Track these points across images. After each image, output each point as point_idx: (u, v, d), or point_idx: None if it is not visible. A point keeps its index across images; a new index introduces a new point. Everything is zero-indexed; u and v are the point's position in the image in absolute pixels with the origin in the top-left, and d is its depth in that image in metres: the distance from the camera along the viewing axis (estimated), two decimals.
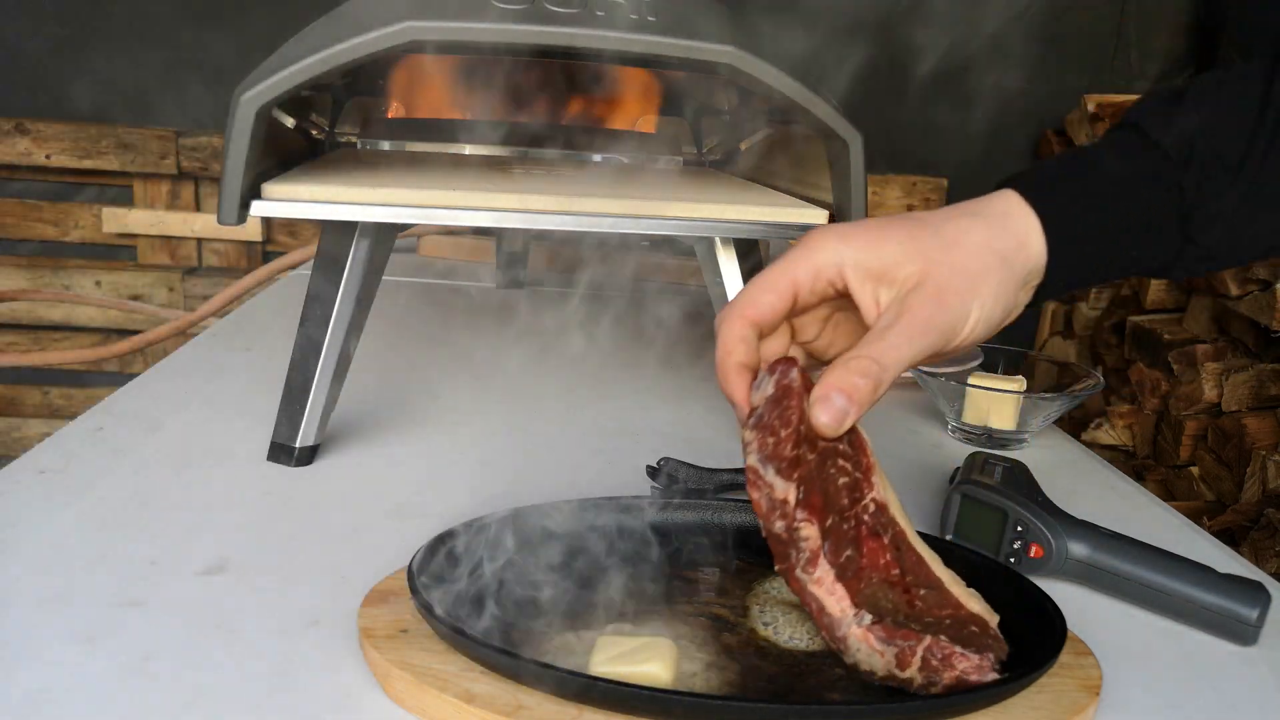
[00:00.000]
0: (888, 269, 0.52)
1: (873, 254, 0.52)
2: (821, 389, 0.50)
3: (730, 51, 0.66)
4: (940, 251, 0.52)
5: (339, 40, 0.62)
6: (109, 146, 2.21)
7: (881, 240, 0.52)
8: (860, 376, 0.50)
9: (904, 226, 0.53)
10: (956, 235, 0.52)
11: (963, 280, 0.51)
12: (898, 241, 0.52)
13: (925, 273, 0.51)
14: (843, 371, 0.50)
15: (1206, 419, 1.79)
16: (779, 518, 0.51)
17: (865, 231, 0.53)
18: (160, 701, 0.46)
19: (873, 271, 0.52)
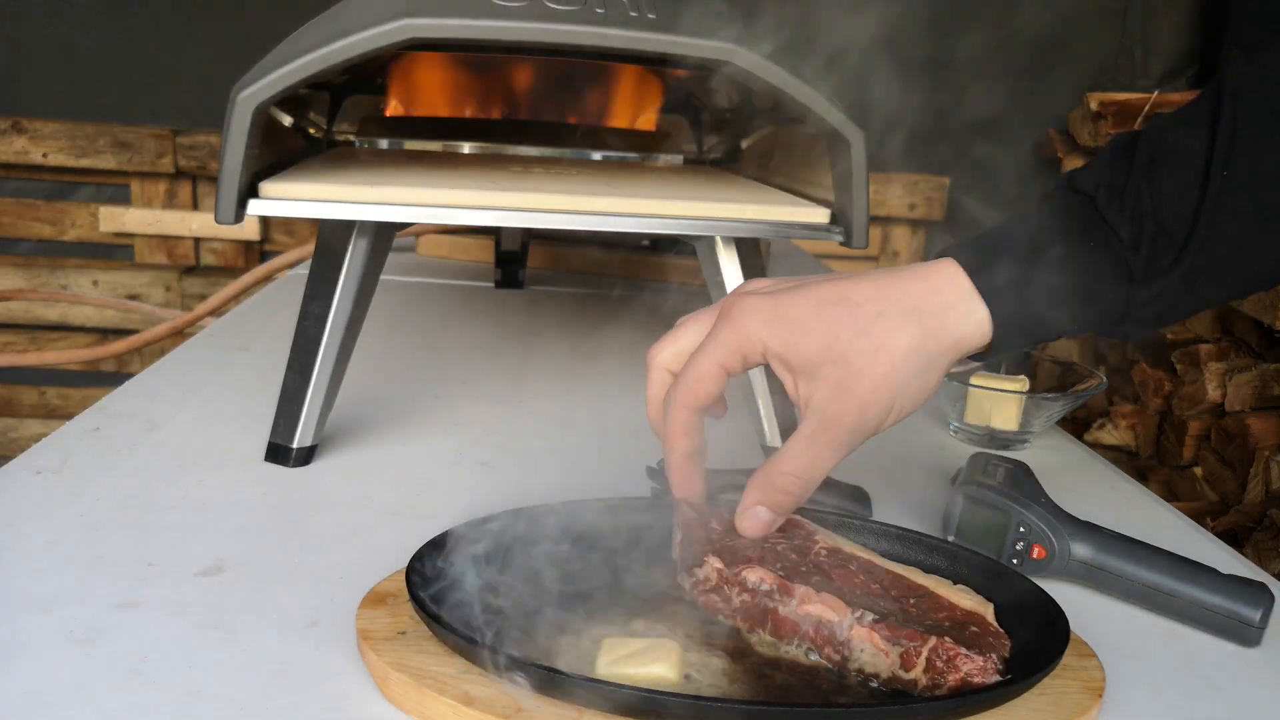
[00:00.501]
0: (808, 366, 0.52)
1: (793, 349, 0.52)
2: (746, 503, 0.53)
3: (731, 49, 0.65)
4: (864, 358, 0.51)
5: (337, 38, 0.62)
6: (106, 145, 2.21)
7: (804, 334, 0.52)
8: (784, 494, 0.52)
9: (829, 317, 0.52)
10: (885, 337, 0.52)
11: (885, 390, 0.51)
12: (820, 337, 0.52)
13: (845, 381, 0.51)
14: (769, 490, 0.53)
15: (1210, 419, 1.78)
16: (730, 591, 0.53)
17: (788, 321, 0.52)
18: (158, 703, 0.45)
19: (793, 366, 0.52)
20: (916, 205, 2.45)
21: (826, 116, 0.68)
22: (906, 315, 0.52)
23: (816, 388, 0.52)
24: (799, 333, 0.52)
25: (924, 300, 0.53)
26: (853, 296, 0.52)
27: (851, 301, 0.52)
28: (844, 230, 0.71)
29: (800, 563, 0.53)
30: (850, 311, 0.52)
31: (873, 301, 0.52)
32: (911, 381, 0.52)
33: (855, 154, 0.70)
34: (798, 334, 0.52)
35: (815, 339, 0.51)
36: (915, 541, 0.60)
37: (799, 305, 0.52)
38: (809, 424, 0.52)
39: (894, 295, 0.53)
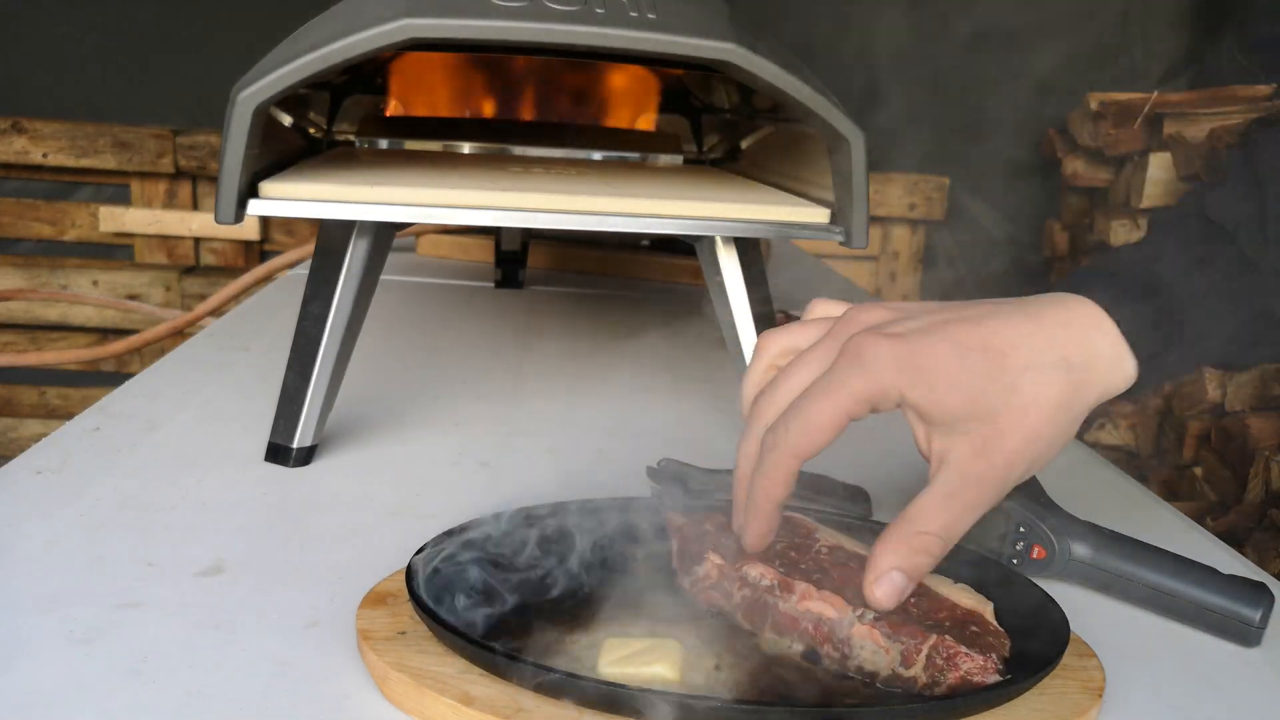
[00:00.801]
0: (948, 419, 0.48)
1: (937, 404, 0.47)
2: (880, 567, 0.47)
3: (731, 49, 0.65)
4: (1014, 415, 0.48)
5: (337, 38, 0.62)
6: (106, 145, 2.21)
7: (947, 387, 0.47)
8: (924, 554, 0.48)
9: (973, 368, 0.47)
10: (1034, 394, 0.48)
11: (1032, 449, 0.49)
12: (965, 391, 0.47)
13: (991, 440, 0.48)
14: (906, 553, 0.47)
15: (1210, 419, 1.78)
16: (730, 587, 0.53)
17: (930, 370, 0.47)
18: (157, 703, 0.45)
19: (933, 419, 0.48)
20: (916, 205, 2.45)
21: (826, 116, 0.68)
22: (1055, 369, 0.49)
23: (956, 443, 0.48)
24: (941, 385, 0.47)
25: (1071, 350, 0.50)
26: (996, 344, 0.49)
27: (996, 350, 0.48)
28: (844, 230, 0.71)
29: (801, 560, 0.54)
30: (996, 363, 0.48)
31: (1018, 351, 0.49)
32: (1058, 437, 0.50)
33: (855, 154, 0.70)
34: (940, 387, 0.47)
35: (960, 393, 0.47)
36: None
37: (937, 351, 0.48)
38: (949, 481, 0.48)
39: (1040, 344, 0.49)
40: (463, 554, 0.54)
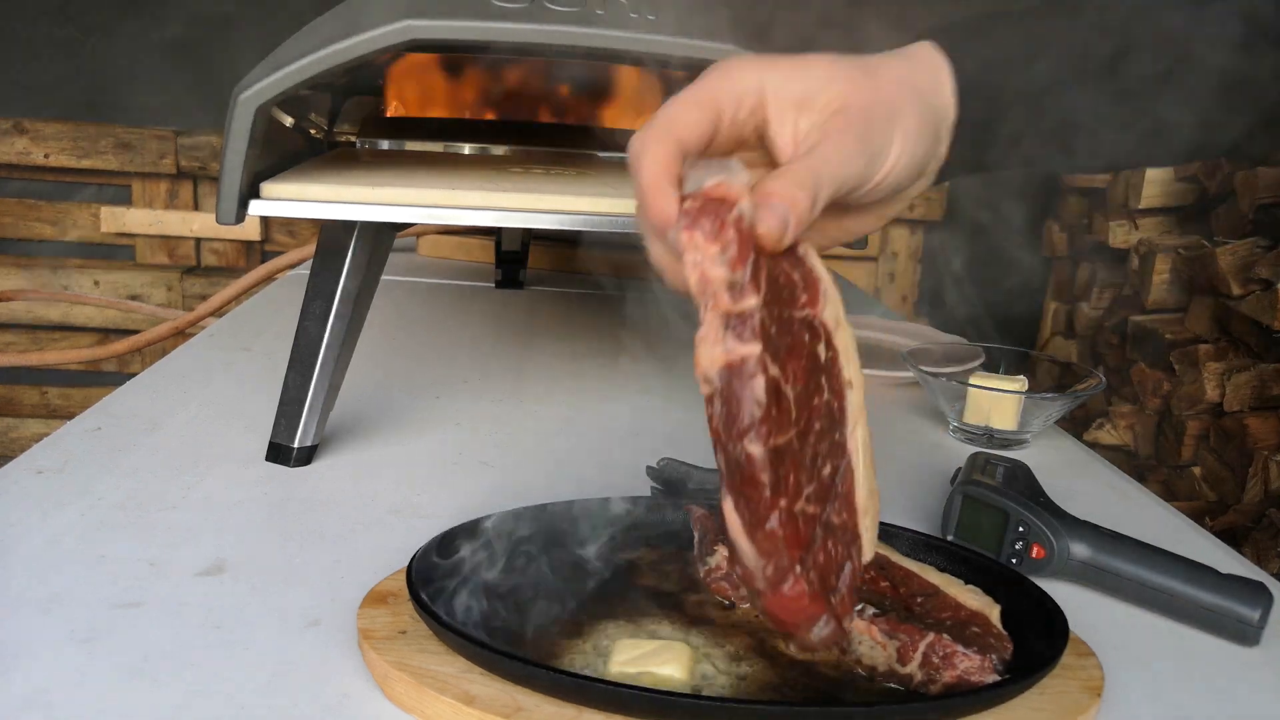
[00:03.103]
0: (810, 95, 0.49)
1: (796, 79, 0.49)
2: (760, 195, 0.45)
3: (731, 50, 0.66)
4: (864, 77, 0.50)
5: (338, 39, 0.62)
6: (107, 146, 2.21)
7: (804, 66, 0.50)
8: (798, 188, 0.46)
9: (824, 56, 0.51)
10: (877, 66, 0.51)
11: (885, 109, 0.50)
12: (820, 68, 0.50)
13: (848, 97, 0.49)
14: (780, 181, 0.46)
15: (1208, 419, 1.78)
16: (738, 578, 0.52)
17: (786, 59, 0.50)
18: (159, 702, 0.46)
19: (795, 98, 0.49)
20: (916, 205, 2.45)
21: None
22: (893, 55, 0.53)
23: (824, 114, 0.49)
24: (800, 65, 0.50)
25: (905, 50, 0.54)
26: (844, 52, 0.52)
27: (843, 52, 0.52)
28: None
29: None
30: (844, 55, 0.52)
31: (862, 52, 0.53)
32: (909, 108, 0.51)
33: None
34: (799, 66, 0.50)
35: (817, 70, 0.50)
36: (915, 541, 0.61)
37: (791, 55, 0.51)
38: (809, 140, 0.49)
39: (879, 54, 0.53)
40: (463, 553, 0.54)
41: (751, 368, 0.40)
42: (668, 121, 0.47)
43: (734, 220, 0.41)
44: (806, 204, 0.46)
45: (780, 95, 0.49)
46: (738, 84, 0.49)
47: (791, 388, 0.42)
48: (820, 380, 0.44)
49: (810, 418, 0.43)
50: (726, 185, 0.42)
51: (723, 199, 0.42)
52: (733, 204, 0.42)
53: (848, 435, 0.45)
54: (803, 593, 0.40)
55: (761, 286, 0.42)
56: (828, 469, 0.43)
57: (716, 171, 0.44)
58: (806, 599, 0.40)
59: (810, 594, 0.40)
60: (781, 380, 0.41)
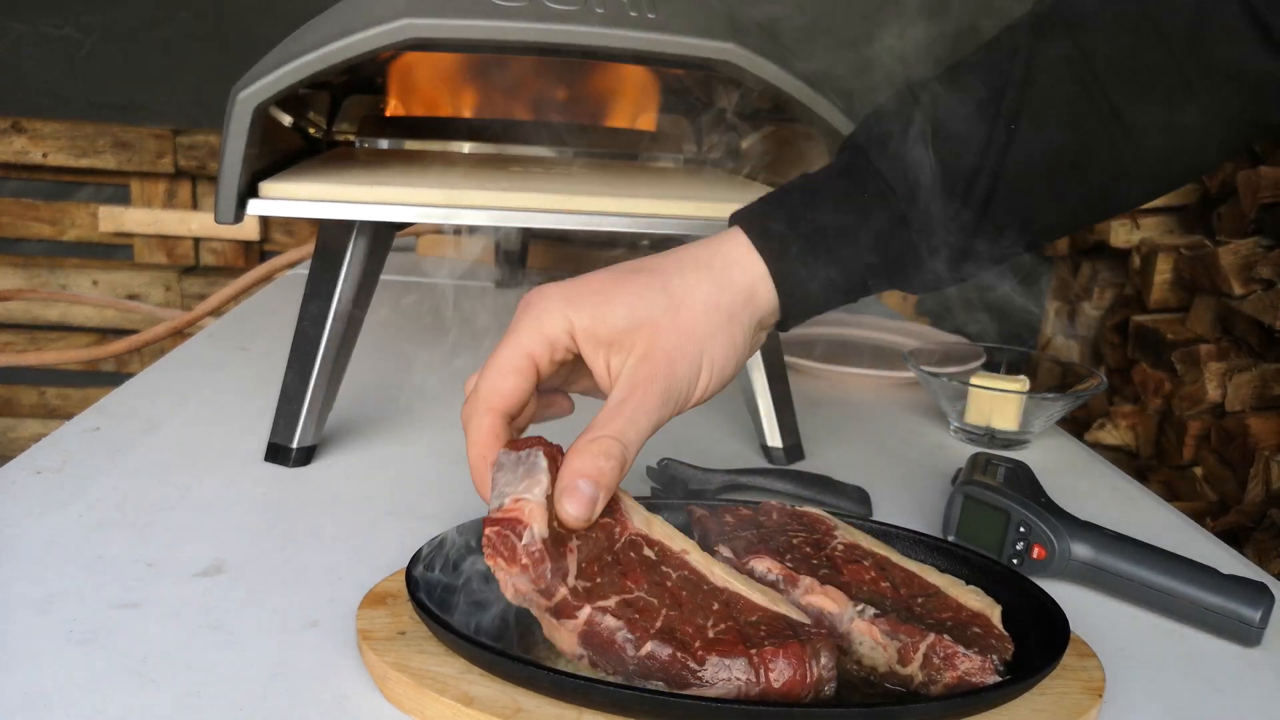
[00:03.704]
0: (616, 336, 0.51)
1: (600, 321, 0.51)
2: (566, 478, 0.48)
3: (731, 49, 0.65)
4: (667, 315, 0.51)
5: (337, 38, 0.62)
6: (106, 145, 2.21)
7: (608, 304, 0.51)
8: (604, 459, 0.49)
9: (631, 285, 0.52)
10: (684, 293, 0.52)
11: (691, 344, 0.51)
12: (624, 305, 0.51)
13: (653, 340, 0.51)
14: (587, 456, 0.49)
15: (1210, 419, 1.78)
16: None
17: (592, 295, 0.52)
18: (157, 703, 0.45)
19: (601, 339, 0.51)
20: None
21: (826, 116, 0.68)
22: (700, 270, 0.53)
23: (625, 356, 0.51)
24: (603, 303, 0.51)
25: (713, 258, 0.54)
26: (649, 265, 0.53)
27: (648, 269, 0.53)
28: None
29: (814, 556, 0.54)
30: (649, 275, 0.52)
31: (668, 265, 0.53)
32: (717, 336, 0.52)
33: None
34: (602, 304, 0.51)
35: (620, 307, 0.51)
36: (915, 541, 0.60)
37: (597, 279, 0.52)
38: (620, 388, 0.51)
39: (686, 257, 0.54)
40: (462, 554, 0.54)
41: (598, 623, 0.46)
42: (487, 394, 0.52)
43: (527, 544, 0.47)
44: (615, 473, 0.49)
45: (587, 336, 0.51)
46: (547, 331, 0.51)
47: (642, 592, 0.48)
48: (661, 570, 0.50)
49: (672, 595, 0.48)
50: (520, 506, 0.47)
51: (516, 520, 0.47)
52: (526, 525, 0.47)
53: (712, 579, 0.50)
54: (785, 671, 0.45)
55: (569, 567, 0.48)
56: (716, 605, 0.48)
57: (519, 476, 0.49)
58: (792, 671, 0.45)
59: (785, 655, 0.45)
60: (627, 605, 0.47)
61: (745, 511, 0.59)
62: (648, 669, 0.45)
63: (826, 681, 0.45)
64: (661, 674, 0.45)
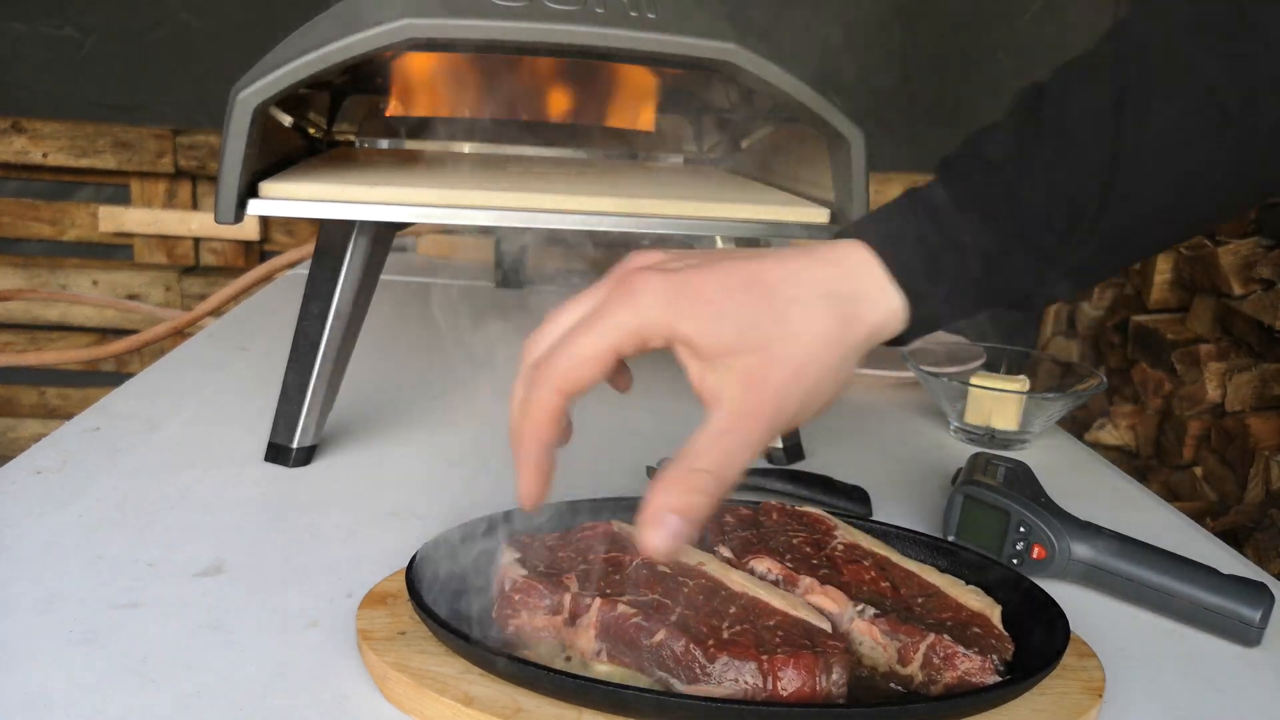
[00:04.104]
0: (720, 353, 0.46)
1: (705, 335, 0.46)
2: (654, 508, 0.45)
3: (731, 49, 0.65)
4: (782, 345, 0.47)
5: (337, 38, 0.62)
6: (106, 145, 2.21)
7: (717, 318, 0.46)
8: (699, 494, 0.45)
9: (745, 300, 0.47)
10: (803, 324, 0.47)
11: (804, 380, 0.47)
12: (735, 323, 0.46)
13: (764, 371, 0.46)
14: (680, 490, 0.45)
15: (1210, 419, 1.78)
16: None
17: (700, 302, 0.46)
18: (157, 703, 0.45)
19: (704, 352, 0.46)
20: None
21: (826, 116, 0.68)
22: (824, 300, 0.48)
23: (727, 378, 0.47)
24: (711, 316, 0.46)
25: (839, 286, 0.49)
26: (766, 279, 0.48)
27: (765, 284, 0.48)
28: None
29: (814, 556, 0.54)
30: (765, 296, 0.47)
31: (788, 285, 0.48)
32: (829, 371, 0.48)
33: (855, 154, 0.70)
34: (709, 317, 0.46)
35: (728, 324, 0.46)
36: (915, 541, 0.60)
37: (709, 285, 0.47)
38: (721, 417, 0.46)
39: (809, 279, 0.49)
40: (462, 554, 0.54)
41: (611, 612, 0.48)
42: (562, 375, 0.47)
43: (512, 587, 0.50)
44: (707, 510, 0.46)
45: (689, 347, 0.47)
46: (642, 329, 0.46)
47: (657, 595, 0.49)
48: (678, 579, 0.50)
49: (687, 599, 0.49)
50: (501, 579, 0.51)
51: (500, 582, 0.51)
52: (502, 578, 0.51)
53: (730, 585, 0.51)
54: (794, 680, 0.45)
55: (570, 586, 0.50)
56: (733, 608, 0.48)
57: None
58: (801, 682, 0.45)
59: (796, 665, 0.45)
60: (641, 603, 0.48)
61: (745, 511, 0.59)
62: (660, 659, 0.45)
63: (837, 696, 0.45)
64: (673, 665, 0.45)
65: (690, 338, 0.46)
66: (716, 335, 0.46)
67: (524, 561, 0.52)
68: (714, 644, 0.45)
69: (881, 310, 0.50)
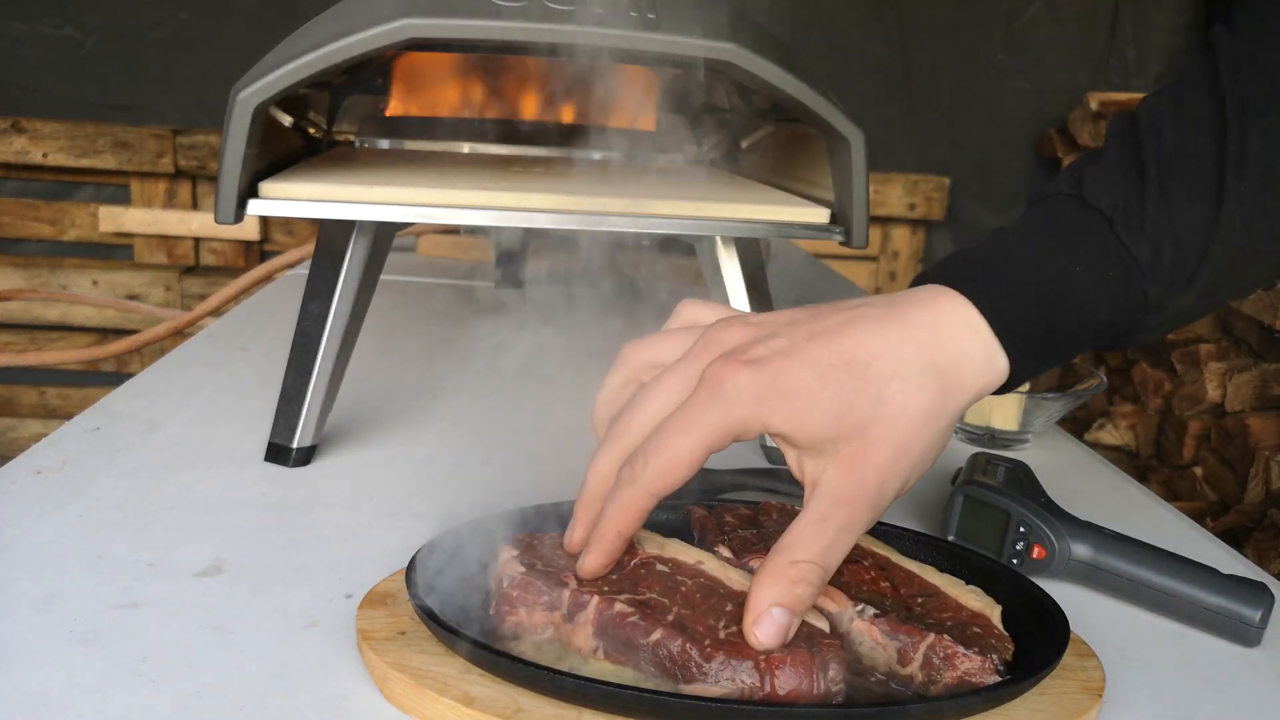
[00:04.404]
0: (816, 442, 0.46)
1: (800, 427, 0.45)
2: (760, 604, 0.44)
3: (731, 49, 0.65)
4: (880, 427, 0.46)
5: (337, 38, 0.62)
6: (106, 145, 2.21)
7: (811, 410, 0.45)
8: (803, 585, 0.45)
9: (838, 384, 0.46)
10: (902, 403, 0.46)
11: (905, 460, 0.46)
12: (829, 410, 0.45)
13: (863, 455, 0.46)
14: (784, 584, 0.45)
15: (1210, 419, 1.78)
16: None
17: (791, 395, 0.45)
18: (157, 703, 0.45)
19: (799, 444, 0.46)
20: (916, 205, 2.45)
21: (826, 116, 0.68)
22: (923, 374, 0.47)
23: (826, 465, 0.46)
24: (804, 409, 0.45)
25: (939, 355, 0.48)
26: (859, 356, 0.46)
27: (859, 363, 0.46)
28: (844, 230, 0.71)
29: None
30: (860, 376, 0.46)
31: (883, 360, 0.47)
32: (930, 446, 0.48)
33: (855, 154, 0.70)
34: (803, 410, 0.45)
35: (824, 414, 0.45)
36: (915, 541, 0.60)
37: (799, 374, 0.46)
38: (821, 505, 0.46)
39: (907, 352, 0.47)
40: (462, 554, 0.54)
41: (608, 610, 0.47)
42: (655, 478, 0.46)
43: (510, 585, 0.50)
44: (811, 600, 0.46)
45: (784, 436, 0.46)
46: (734, 429, 0.46)
47: (655, 594, 0.49)
48: (676, 579, 0.50)
49: (685, 598, 0.49)
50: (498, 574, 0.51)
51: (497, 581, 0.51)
52: (500, 575, 0.51)
53: (729, 584, 0.50)
54: (790, 679, 0.44)
55: (569, 582, 0.49)
56: (730, 607, 0.48)
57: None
58: (798, 681, 0.44)
59: (793, 663, 0.44)
60: (639, 602, 0.48)
61: (745, 511, 0.59)
62: (657, 659, 0.46)
63: (834, 695, 0.45)
64: (669, 665, 0.45)
65: (785, 433, 0.46)
66: (812, 427, 0.45)
67: (522, 559, 0.52)
68: (710, 643, 0.45)
69: (989, 374, 0.49)
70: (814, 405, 0.45)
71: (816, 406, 0.45)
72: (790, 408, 0.45)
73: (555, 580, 0.49)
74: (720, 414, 0.46)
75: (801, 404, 0.45)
